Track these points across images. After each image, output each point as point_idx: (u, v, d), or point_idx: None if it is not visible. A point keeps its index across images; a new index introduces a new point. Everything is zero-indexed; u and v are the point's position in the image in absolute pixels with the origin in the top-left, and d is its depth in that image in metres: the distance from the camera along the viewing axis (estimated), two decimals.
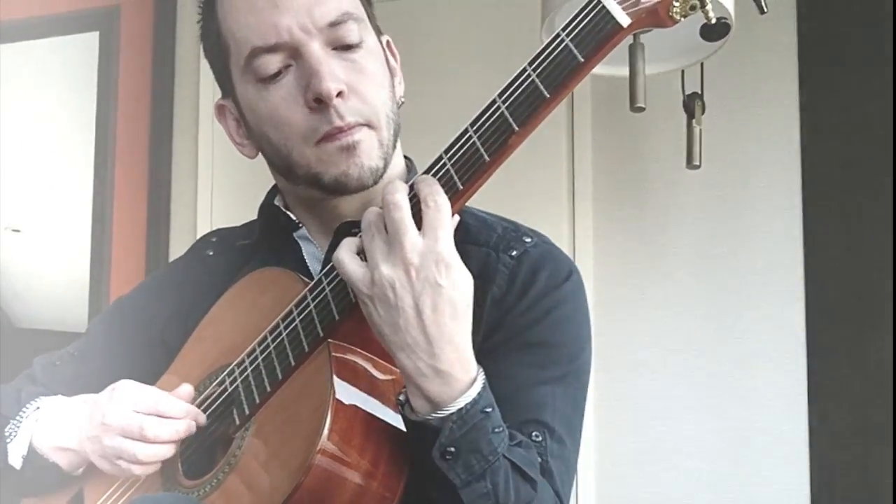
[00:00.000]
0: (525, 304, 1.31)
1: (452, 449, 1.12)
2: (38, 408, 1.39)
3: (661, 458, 2.46)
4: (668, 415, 2.47)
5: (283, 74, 1.30)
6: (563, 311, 1.33)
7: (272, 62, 1.29)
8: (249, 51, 1.30)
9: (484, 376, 1.15)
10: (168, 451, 1.27)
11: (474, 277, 1.29)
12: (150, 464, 1.26)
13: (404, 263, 1.10)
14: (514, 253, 1.35)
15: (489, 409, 1.14)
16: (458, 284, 1.12)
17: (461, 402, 1.12)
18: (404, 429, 1.17)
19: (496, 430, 1.14)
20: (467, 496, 1.13)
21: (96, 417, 1.29)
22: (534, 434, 1.24)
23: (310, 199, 1.38)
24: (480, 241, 1.36)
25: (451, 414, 1.11)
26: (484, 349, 1.26)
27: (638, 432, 2.47)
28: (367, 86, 1.31)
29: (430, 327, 1.11)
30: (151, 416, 1.26)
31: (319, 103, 1.27)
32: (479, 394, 1.13)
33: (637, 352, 2.50)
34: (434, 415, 1.12)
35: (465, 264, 1.29)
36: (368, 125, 1.30)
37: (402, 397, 1.15)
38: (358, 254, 1.15)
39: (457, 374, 1.12)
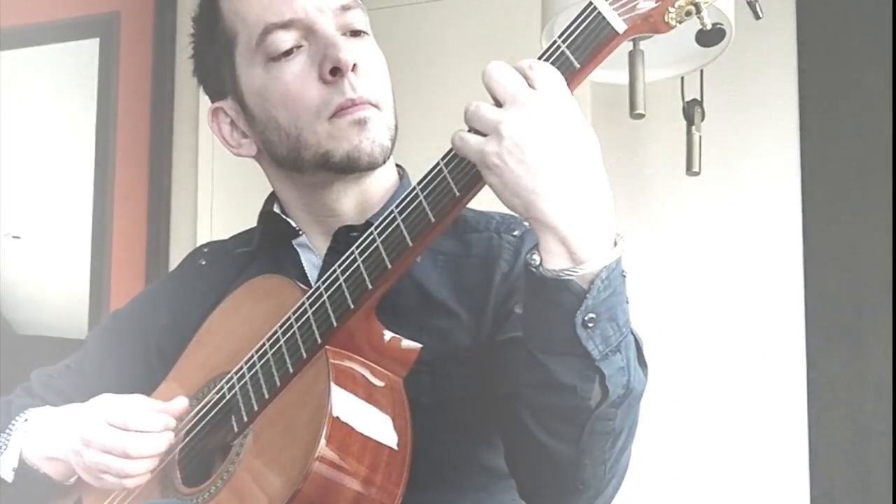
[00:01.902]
0: None
1: (594, 315, 1.05)
2: (26, 419, 1.39)
3: (659, 464, 2.46)
4: (667, 421, 2.47)
5: (294, 53, 1.32)
6: None
7: (286, 39, 1.32)
8: (263, 28, 1.32)
9: (623, 239, 1.09)
10: (152, 465, 1.27)
11: (480, 260, 1.30)
12: (137, 476, 1.27)
13: (527, 107, 1.04)
14: (516, 233, 1.36)
15: (626, 274, 1.09)
16: (586, 126, 1.07)
17: (609, 259, 1.06)
18: (402, 435, 1.17)
19: (627, 300, 1.10)
20: (607, 368, 1.08)
21: (78, 432, 1.29)
22: None
23: (310, 195, 1.38)
24: (481, 228, 1.37)
25: (601, 271, 1.05)
26: (500, 314, 1.27)
27: (636, 438, 2.46)
28: (374, 70, 1.35)
29: (570, 165, 1.04)
30: (131, 433, 1.26)
31: (335, 75, 1.30)
32: (622, 254, 1.07)
33: None
34: (575, 269, 1.05)
35: (470, 251, 1.29)
36: (377, 106, 1.32)
37: (535, 257, 1.08)
38: None
39: (601, 222, 1.07)
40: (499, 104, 1.07)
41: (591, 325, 1.06)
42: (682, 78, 2.35)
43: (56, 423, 1.36)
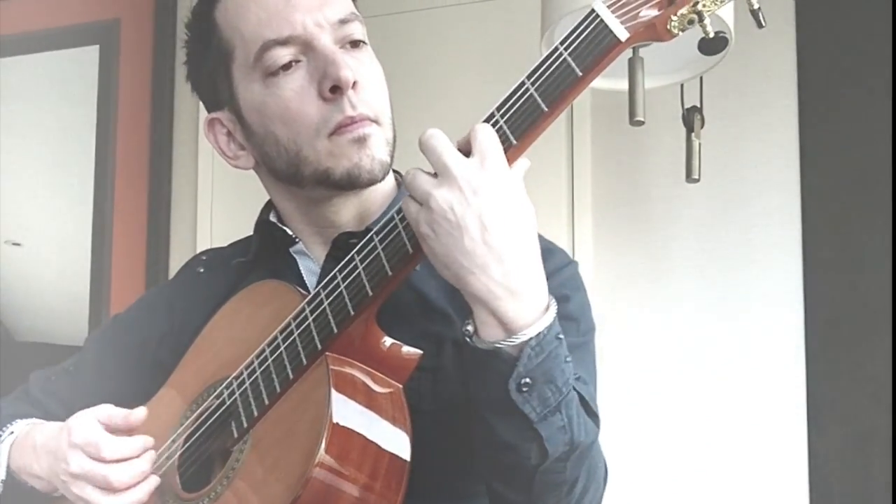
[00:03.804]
0: None
1: (528, 380, 1.08)
2: (12, 432, 1.39)
3: (658, 470, 2.46)
4: (667, 426, 2.47)
5: (293, 68, 1.30)
6: (577, 292, 1.35)
7: (284, 54, 1.30)
8: (261, 44, 1.30)
9: (556, 303, 1.11)
10: (138, 495, 1.25)
11: None
12: None
13: (458, 182, 1.07)
14: None
15: (561, 336, 1.11)
16: (521, 198, 1.09)
17: (540, 326, 1.08)
18: (402, 442, 1.17)
19: (567, 359, 1.12)
20: (545, 430, 1.10)
21: (61, 464, 1.27)
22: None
23: (308, 207, 1.38)
24: None
25: (530, 339, 1.07)
26: None
27: (636, 443, 2.47)
28: (373, 84, 1.33)
29: (497, 240, 1.06)
30: (110, 464, 1.24)
31: (334, 92, 1.28)
32: (554, 319, 1.10)
33: (636, 364, 2.50)
34: (509, 341, 1.08)
35: None
36: (376, 122, 1.31)
37: (469, 327, 1.12)
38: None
39: (531, 293, 1.09)
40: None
41: (525, 389, 1.09)
42: (682, 85, 2.35)
43: (38, 443, 1.35)
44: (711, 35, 1.10)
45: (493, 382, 1.10)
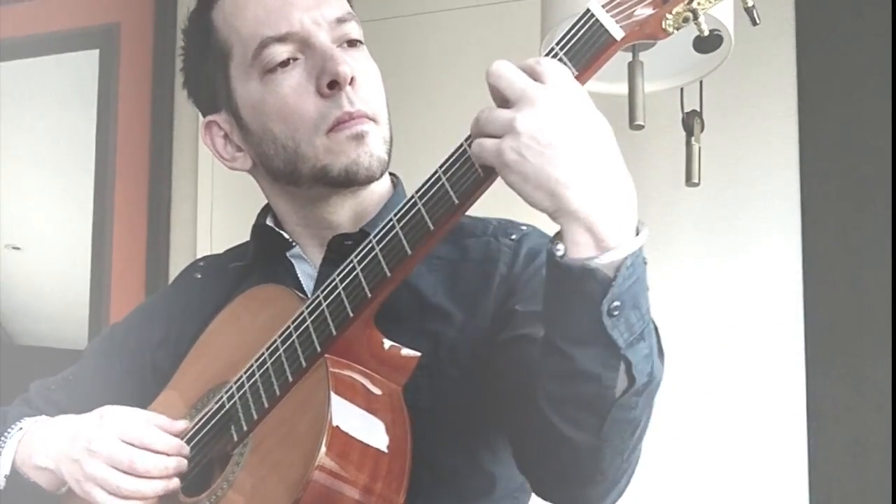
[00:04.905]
0: (533, 270, 1.30)
1: (618, 303, 1.04)
2: (21, 428, 1.38)
3: (656, 471, 2.46)
4: (667, 430, 2.46)
5: (291, 66, 1.31)
6: None
7: (282, 51, 1.31)
8: (259, 41, 1.31)
9: (646, 227, 1.08)
10: (153, 487, 1.24)
11: (477, 264, 1.30)
12: (132, 498, 1.24)
13: (540, 102, 1.03)
14: (513, 236, 1.35)
15: (647, 261, 1.09)
16: (601, 117, 1.06)
17: (634, 246, 1.04)
18: (402, 444, 1.17)
19: (648, 287, 1.10)
20: (633, 356, 1.07)
21: (80, 442, 1.27)
22: None
23: (305, 208, 1.38)
24: (478, 233, 1.37)
25: (626, 258, 1.03)
26: (501, 314, 1.27)
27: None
28: (370, 83, 1.34)
29: (591, 156, 1.03)
30: (141, 450, 1.24)
31: (332, 88, 1.29)
32: (645, 241, 1.06)
33: None
34: (605, 257, 1.03)
35: (466, 255, 1.30)
36: (374, 120, 1.32)
37: (559, 247, 1.05)
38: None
39: (625, 212, 1.05)
40: (505, 104, 1.06)
41: (615, 313, 1.05)
42: (682, 89, 2.35)
43: (49, 433, 1.35)
44: (706, 33, 1.10)
45: (584, 306, 1.05)
